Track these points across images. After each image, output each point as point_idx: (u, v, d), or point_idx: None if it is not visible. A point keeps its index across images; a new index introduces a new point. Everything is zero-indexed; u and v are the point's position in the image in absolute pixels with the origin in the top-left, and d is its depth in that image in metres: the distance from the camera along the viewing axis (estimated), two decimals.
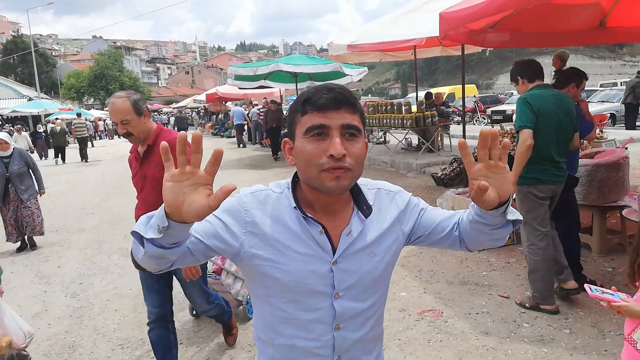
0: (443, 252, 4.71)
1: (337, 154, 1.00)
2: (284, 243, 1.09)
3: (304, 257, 1.09)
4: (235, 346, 3.19)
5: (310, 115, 1.04)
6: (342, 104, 1.04)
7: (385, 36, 8.25)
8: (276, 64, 11.94)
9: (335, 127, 1.03)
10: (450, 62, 68.62)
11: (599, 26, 5.09)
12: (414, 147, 11.21)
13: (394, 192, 1.22)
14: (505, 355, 2.87)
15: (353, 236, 1.12)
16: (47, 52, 69.02)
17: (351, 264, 1.12)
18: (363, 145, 1.08)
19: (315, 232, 1.09)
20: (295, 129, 1.08)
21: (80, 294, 4.32)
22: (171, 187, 0.85)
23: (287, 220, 1.10)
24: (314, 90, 1.06)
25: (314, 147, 1.03)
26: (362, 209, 1.14)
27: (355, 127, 1.05)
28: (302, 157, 1.05)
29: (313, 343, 1.13)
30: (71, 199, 9.34)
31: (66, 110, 31.52)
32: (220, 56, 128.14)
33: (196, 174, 0.85)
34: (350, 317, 1.14)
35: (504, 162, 0.98)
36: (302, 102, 1.07)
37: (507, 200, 1.01)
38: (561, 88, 3.70)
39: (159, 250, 0.93)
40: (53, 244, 5.96)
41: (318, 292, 1.11)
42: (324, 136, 1.03)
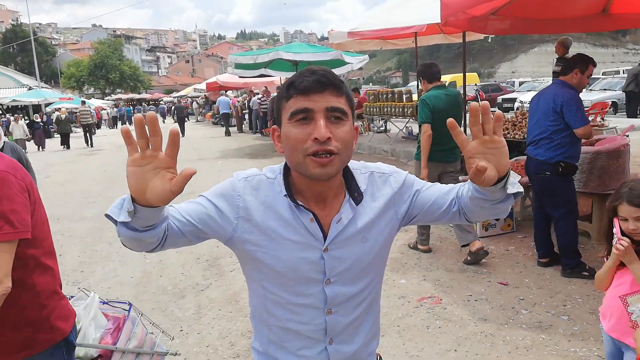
0: (443, 240, 4.72)
1: (321, 137, 0.98)
2: (275, 230, 1.08)
3: (295, 244, 1.09)
4: (236, 333, 3.22)
5: (294, 99, 1.02)
6: (326, 86, 1.01)
7: (386, 23, 8.18)
8: (276, 52, 11.85)
9: (320, 110, 1.00)
10: (452, 50, 68.16)
11: (602, 12, 5.04)
12: (414, 136, 11.17)
13: (388, 174, 1.19)
14: (504, 341, 2.88)
15: (343, 223, 1.11)
16: (47, 41, 68.74)
17: (342, 251, 1.11)
18: (350, 129, 1.05)
19: (306, 219, 1.08)
20: (281, 115, 1.06)
21: (82, 282, 4.35)
22: (133, 171, 0.85)
23: (279, 207, 1.09)
24: (298, 74, 1.04)
25: (298, 131, 1.01)
26: (353, 195, 1.12)
27: (340, 110, 1.02)
28: (287, 142, 1.04)
29: (305, 327, 1.14)
30: (72, 187, 9.36)
31: (66, 99, 31.36)
32: (221, 45, 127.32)
33: (157, 158, 0.85)
34: (341, 301, 1.14)
35: (499, 135, 0.94)
36: (286, 87, 1.05)
37: (505, 175, 0.98)
38: (565, 74, 3.66)
39: (133, 233, 0.93)
40: (54, 233, 5.94)
41: (309, 278, 1.11)
42: (308, 120, 1.01)
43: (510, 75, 60.85)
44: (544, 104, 3.65)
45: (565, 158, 3.57)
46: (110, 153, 15.71)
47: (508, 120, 6.03)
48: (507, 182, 0.99)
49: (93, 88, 52.48)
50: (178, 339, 3.19)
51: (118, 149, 16.64)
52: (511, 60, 74.89)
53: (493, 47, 73.13)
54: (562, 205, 3.68)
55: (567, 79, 3.63)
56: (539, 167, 3.67)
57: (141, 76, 56.19)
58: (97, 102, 36.91)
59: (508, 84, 28.06)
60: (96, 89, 52.36)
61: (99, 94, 51.86)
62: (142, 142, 0.84)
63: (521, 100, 19.00)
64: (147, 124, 0.83)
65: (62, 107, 21.36)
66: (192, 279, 4.22)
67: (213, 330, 3.29)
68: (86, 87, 51.86)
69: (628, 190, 1.78)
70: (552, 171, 3.59)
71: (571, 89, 3.60)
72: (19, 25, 60.64)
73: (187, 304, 3.74)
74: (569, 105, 3.49)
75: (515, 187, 1.01)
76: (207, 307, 3.64)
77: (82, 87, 50.77)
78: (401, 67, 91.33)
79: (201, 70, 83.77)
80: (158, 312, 3.62)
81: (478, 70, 52.65)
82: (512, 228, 4.80)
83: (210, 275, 4.28)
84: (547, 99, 3.66)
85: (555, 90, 3.66)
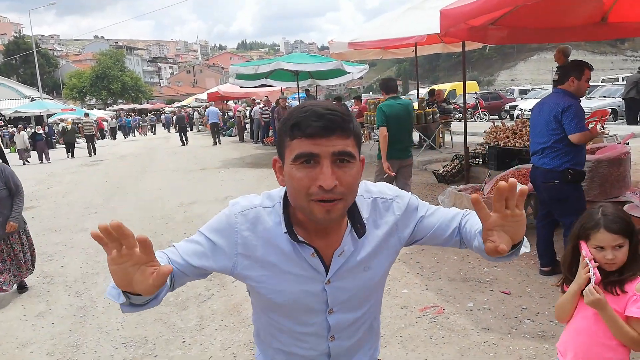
0: (444, 249, 4.71)
1: (327, 186, 0.94)
2: (276, 265, 1.07)
3: (297, 277, 1.07)
4: (239, 344, 3.21)
5: (299, 141, 0.97)
6: (334, 130, 0.96)
7: (387, 34, 8.23)
8: (277, 62, 11.92)
9: (326, 156, 0.95)
10: (451, 59, 68.46)
11: (601, 21, 5.08)
12: (415, 144, 11.18)
13: (391, 199, 1.16)
14: (507, 351, 2.87)
15: (345, 256, 1.09)
16: (49, 53, 69.15)
17: (345, 282, 1.10)
18: (357, 169, 1.01)
19: (307, 254, 1.07)
20: (284, 152, 1.01)
21: (84, 293, 4.34)
22: (115, 270, 0.88)
23: (279, 241, 1.07)
24: (303, 114, 0.97)
25: (303, 175, 0.96)
26: (356, 227, 1.09)
27: (348, 154, 0.97)
28: (291, 184, 1.00)
29: (309, 352, 1.16)
30: (74, 198, 9.37)
31: (68, 110, 31.54)
32: (222, 55, 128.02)
33: (134, 255, 0.87)
34: (344, 327, 1.15)
35: (520, 209, 0.92)
36: (290, 127, 0.98)
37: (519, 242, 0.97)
38: (562, 83, 3.69)
39: (136, 309, 0.97)
40: (56, 244, 5.98)
41: (312, 309, 1.11)
42: (313, 163, 0.96)
43: (510, 83, 60.96)
44: (546, 114, 3.67)
45: (573, 165, 3.56)
46: (112, 164, 15.74)
47: (509, 129, 6.04)
48: (519, 249, 1.00)
49: (95, 99, 52.71)
50: (180, 351, 3.19)
51: (119, 160, 16.69)
52: (510, 68, 75.10)
53: (492, 56, 73.37)
54: (573, 212, 3.58)
55: (565, 87, 3.66)
56: (547, 176, 3.66)
57: (143, 87, 56.50)
58: (99, 112, 37.07)
59: (508, 92, 28.13)
60: (98, 99, 52.59)
61: (100, 104, 52.05)
62: (115, 245, 0.86)
63: (521, 108, 19.04)
64: (113, 230, 0.84)
65: (67, 118, 22.48)
66: (194, 290, 4.21)
67: (215, 341, 3.28)
68: (88, 97, 52.11)
69: (602, 217, 1.62)
70: (560, 179, 3.58)
71: (571, 97, 3.61)
72: (21, 37, 61.02)
73: (190, 315, 3.73)
74: (567, 112, 3.52)
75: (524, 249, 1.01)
76: (209, 318, 3.64)
77: (84, 98, 51.02)
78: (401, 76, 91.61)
79: (202, 81, 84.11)
80: (160, 323, 3.62)
81: (477, 79, 52.79)
82: None
83: (213, 286, 4.27)
84: (547, 108, 3.68)
85: (555, 99, 3.68)
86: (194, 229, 6.09)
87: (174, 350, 3.20)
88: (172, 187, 9.65)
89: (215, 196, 8.27)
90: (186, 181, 10.23)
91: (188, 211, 7.23)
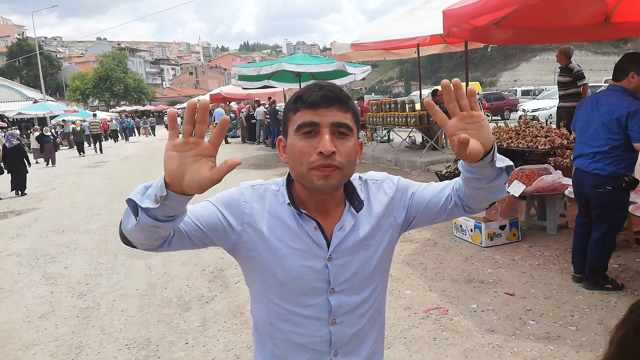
0: (448, 250, 4.70)
1: (326, 151, 1.00)
2: (280, 238, 1.10)
3: (299, 252, 1.10)
4: (241, 345, 3.20)
5: (301, 112, 1.04)
6: (333, 101, 1.03)
7: (389, 35, 8.24)
8: (279, 63, 11.94)
9: (326, 125, 1.02)
10: (454, 59, 68.37)
11: (604, 21, 5.06)
12: (418, 145, 11.18)
13: (381, 180, 1.21)
14: (511, 352, 2.86)
15: (345, 230, 1.12)
16: (52, 55, 69.32)
17: (346, 259, 1.12)
18: (355, 144, 1.07)
19: (310, 227, 1.10)
20: (287, 127, 1.08)
21: (87, 294, 4.35)
22: (174, 156, 0.84)
23: (283, 216, 1.11)
24: (306, 88, 1.06)
25: (304, 144, 1.03)
26: (354, 204, 1.14)
27: (346, 125, 1.04)
28: (292, 154, 1.06)
29: (310, 339, 1.14)
30: (77, 200, 9.39)
31: (71, 112, 31.64)
32: (224, 56, 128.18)
33: (200, 145, 0.85)
34: (346, 311, 1.14)
35: (477, 109, 0.95)
36: (294, 100, 1.07)
37: (491, 149, 0.97)
38: (619, 80, 3.34)
39: (153, 222, 0.89)
40: (59, 245, 6.00)
41: (313, 287, 1.11)
42: (314, 134, 1.03)
43: (512, 84, 60.94)
44: (605, 115, 3.32)
45: (627, 171, 3.33)
46: (115, 165, 15.79)
47: (511, 130, 6.03)
48: (494, 156, 0.98)
49: (98, 100, 52.85)
50: (183, 352, 3.18)
51: (122, 162, 16.74)
52: (513, 69, 75.02)
53: (495, 56, 73.32)
54: (614, 221, 3.47)
55: (624, 84, 3.31)
56: (599, 182, 3.37)
57: (145, 88, 56.58)
58: (102, 114, 37.16)
59: (510, 93, 28.09)
60: (101, 101, 52.72)
61: (103, 106, 52.18)
62: (188, 128, 0.84)
63: (524, 109, 19.00)
64: (198, 110, 0.83)
65: (76, 120, 24.71)
66: (197, 291, 4.21)
67: (218, 342, 3.28)
68: (91, 99, 52.25)
69: None
70: (614, 185, 3.32)
71: (633, 97, 3.26)
72: (24, 39, 61.18)
73: (192, 316, 3.73)
74: (634, 117, 3.16)
75: (504, 162, 1.02)
76: (212, 319, 3.63)
77: (86, 99, 51.17)
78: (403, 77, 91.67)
79: (205, 82, 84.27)
80: (163, 324, 3.62)
81: (480, 79, 52.82)
82: (517, 238, 4.78)
83: (215, 287, 4.27)
84: (607, 108, 3.32)
85: (616, 99, 3.30)
86: None
87: (176, 352, 3.19)
88: None
89: None
90: None
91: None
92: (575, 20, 5.04)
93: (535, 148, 5.42)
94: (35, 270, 5.18)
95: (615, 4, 4.80)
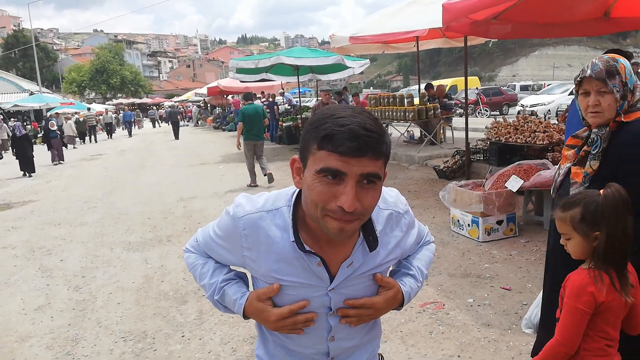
0: (445, 245, 4.70)
1: (348, 209, 0.90)
2: (279, 271, 1.07)
3: (300, 285, 1.08)
4: (238, 339, 3.20)
5: (327, 153, 0.90)
6: (366, 152, 0.90)
7: (388, 28, 8.20)
8: (278, 56, 11.87)
9: (353, 176, 0.90)
10: (453, 54, 68.25)
11: (604, 16, 5.05)
12: (416, 140, 11.17)
13: (402, 214, 1.16)
14: (507, 347, 2.86)
15: (354, 267, 1.08)
16: (48, 46, 68.90)
17: (349, 289, 1.10)
18: (379, 191, 0.96)
19: (313, 263, 1.05)
20: (307, 157, 0.95)
21: (83, 287, 4.34)
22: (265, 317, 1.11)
23: (282, 249, 1.05)
24: (338, 129, 0.90)
25: (324, 189, 0.92)
26: (367, 239, 1.07)
27: (375, 175, 0.92)
28: (309, 194, 0.95)
29: (308, 350, 1.16)
30: (73, 192, 9.36)
31: (68, 104, 31.44)
32: (222, 49, 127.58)
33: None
34: (344, 328, 1.15)
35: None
36: (322, 137, 0.91)
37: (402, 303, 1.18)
38: None
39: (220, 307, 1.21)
40: (56, 238, 5.97)
41: (313, 311, 1.12)
42: (338, 180, 0.91)
43: (511, 78, 60.86)
44: None
45: None
46: (111, 158, 15.73)
47: (510, 125, 6.02)
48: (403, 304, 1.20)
49: (94, 93, 52.56)
50: (180, 345, 3.18)
51: (118, 155, 16.68)
52: (512, 63, 74.91)
53: (494, 51, 73.13)
54: None
55: None
56: None
57: (142, 81, 56.31)
58: (98, 106, 36.95)
59: (509, 88, 28.07)
60: (97, 93, 52.44)
61: (100, 98, 51.92)
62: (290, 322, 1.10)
63: (522, 104, 18.99)
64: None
65: (79, 111, 27.08)
66: (193, 284, 4.20)
67: (215, 335, 3.27)
68: (87, 91, 51.96)
69: None
70: None
71: None
72: (20, 30, 60.79)
73: (189, 309, 3.72)
74: None
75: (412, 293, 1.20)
76: (208, 312, 3.63)
77: (83, 92, 50.87)
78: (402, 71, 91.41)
79: (202, 75, 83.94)
80: (159, 317, 3.61)
81: (479, 74, 52.67)
82: (514, 233, 4.78)
83: None
84: None
85: None
86: (193, 223, 6.11)
87: (173, 345, 3.19)
88: (171, 181, 9.64)
89: (215, 191, 8.25)
90: (186, 176, 10.22)
91: (188, 206, 7.21)
92: (574, 15, 5.03)
93: (534, 143, 5.42)
94: (31, 262, 5.16)
95: None
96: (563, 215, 1.60)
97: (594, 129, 1.86)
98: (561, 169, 2.00)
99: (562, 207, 1.61)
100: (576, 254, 1.61)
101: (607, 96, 1.78)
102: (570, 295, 1.54)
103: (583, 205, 1.54)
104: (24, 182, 11.13)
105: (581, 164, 1.90)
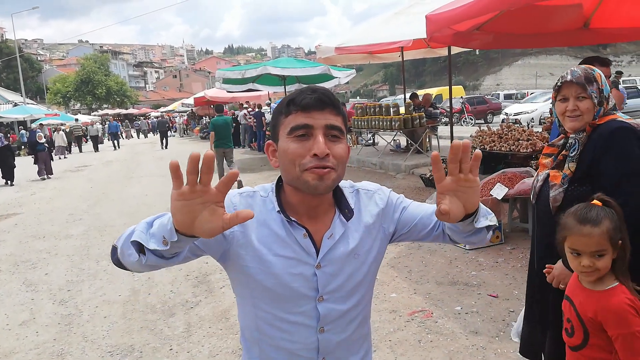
0: (433, 253, 4.73)
1: (321, 153, 1.01)
2: (268, 246, 1.10)
3: (288, 260, 1.10)
4: (227, 351, 3.18)
5: (294, 115, 1.05)
6: (326, 104, 1.05)
7: (373, 38, 8.30)
8: (264, 67, 11.91)
9: (319, 127, 1.04)
10: (438, 63, 69.07)
11: (583, 27, 5.17)
12: (402, 149, 11.25)
13: (373, 191, 1.22)
14: (495, 354, 2.89)
15: (335, 239, 1.13)
16: (33, 57, 68.24)
17: (335, 268, 1.13)
18: (345, 147, 1.09)
19: (299, 235, 1.10)
20: (279, 130, 1.09)
21: (69, 301, 4.27)
22: (180, 205, 0.84)
23: (272, 223, 1.11)
24: (298, 92, 1.08)
25: (297, 146, 1.04)
26: (343, 212, 1.15)
27: (338, 128, 1.06)
28: (285, 156, 1.06)
29: (297, 345, 1.14)
30: (58, 205, 9.23)
31: (52, 115, 31.09)
32: (208, 59, 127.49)
33: (208, 192, 0.84)
34: (334, 319, 1.15)
35: (475, 174, 0.93)
36: (286, 103, 1.08)
37: (474, 212, 0.99)
38: None
39: (159, 260, 0.93)
40: (40, 251, 5.88)
41: (302, 295, 1.11)
42: (307, 136, 1.04)
43: (495, 87, 61.70)
44: None
45: None
46: (96, 169, 15.57)
47: (494, 133, 6.11)
48: (474, 219, 1.00)
49: (80, 104, 52.04)
50: (168, 358, 3.15)
51: (104, 166, 16.51)
52: (495, 73, 75.98)
53: (478, 60, 74.15)
54: None
55: None
56: None
57: (128, 91, 55.90)
58: (84, 117, 36.58)
59: (493, 96, 28.45)
60: (82, 104, 51.93)
61: (85, 109, 51.42)
62: (192, 178, 0.83)
63: (506, 112, 19.26)
64: (204, 162, 0.82)
65: (65, 122, 27.37)
66: (181, 297, 4.17)
67: (203, 348, 3.25)
68: (72, 102, 51.42)
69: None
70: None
71: None
72: (4, 41, 60.10)
73: (177, 322, 3.69)
74: None
75: (486, 221, 1.03)
76: (197, 325, 3.60)
77: (68, 102, 50.32)
78: (388, 81, 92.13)
79: (189, 85, 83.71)
80: (147, 330, 3.57)
81: (463, 83, 53.30)
82: (500, 240, 4.84)
83: (200, 292, 4.23)
84: None
85: None
86: None
87: (161, 359, 3.16)
88: (158, 192, 9.55)
89: None
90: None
91: None
92: (554, 26, 5.14)
93: (517, 151, 5.51)
94: (15, 276, 5.07)
95: (593, 10, 4.91)
96: (600, 231, 1.42)
97: (571, 135, 1.92)
98: (540, 175, 2.05)
99: (591, 223, 1.43)
100: (606, 270, 1.47)
101: (585, 101, 1.85)
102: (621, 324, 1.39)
103: (605, 215, 1.44)
104: (8, 195, 10.96)
105: (559, 168, 1.95)
